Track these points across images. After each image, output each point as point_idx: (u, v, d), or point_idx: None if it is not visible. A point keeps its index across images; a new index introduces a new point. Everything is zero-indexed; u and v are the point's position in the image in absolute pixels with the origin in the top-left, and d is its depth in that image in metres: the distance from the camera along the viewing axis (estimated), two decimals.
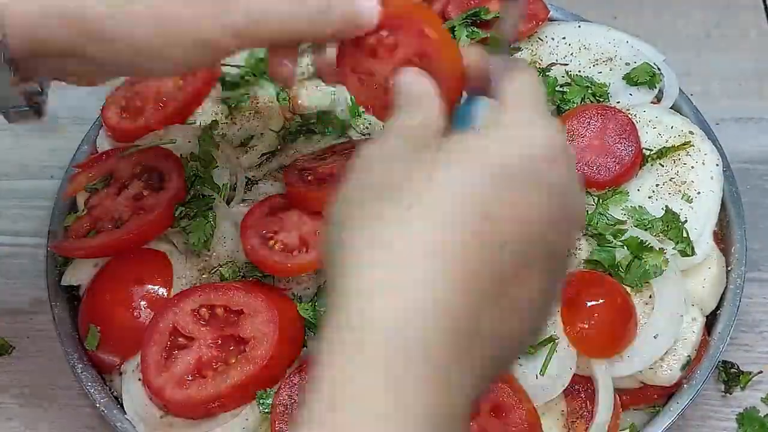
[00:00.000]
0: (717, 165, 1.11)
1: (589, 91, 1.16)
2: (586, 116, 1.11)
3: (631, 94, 1.18)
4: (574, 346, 0.97)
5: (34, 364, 1.18)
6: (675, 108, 1.19)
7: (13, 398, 1.15)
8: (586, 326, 0.96)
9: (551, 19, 1.27)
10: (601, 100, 1.16)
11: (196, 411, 0.92)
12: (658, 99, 1.20)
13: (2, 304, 1.23)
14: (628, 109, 1.14)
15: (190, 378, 0.93)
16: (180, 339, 0.95)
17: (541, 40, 1.25)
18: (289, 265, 0.97)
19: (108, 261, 1.05)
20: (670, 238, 1.04)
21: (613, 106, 1.14)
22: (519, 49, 1.23)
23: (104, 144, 1.20)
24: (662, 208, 1.05)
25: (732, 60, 1.48)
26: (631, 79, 1.18)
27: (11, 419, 1.13)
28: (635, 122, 1.11)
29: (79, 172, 1.14)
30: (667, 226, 1.04)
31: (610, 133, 1.09)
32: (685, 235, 1.04)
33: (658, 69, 1.20)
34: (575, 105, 1.15)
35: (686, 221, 1.05)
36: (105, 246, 1.04)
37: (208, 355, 0.94)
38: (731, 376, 1.13)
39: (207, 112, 1.18)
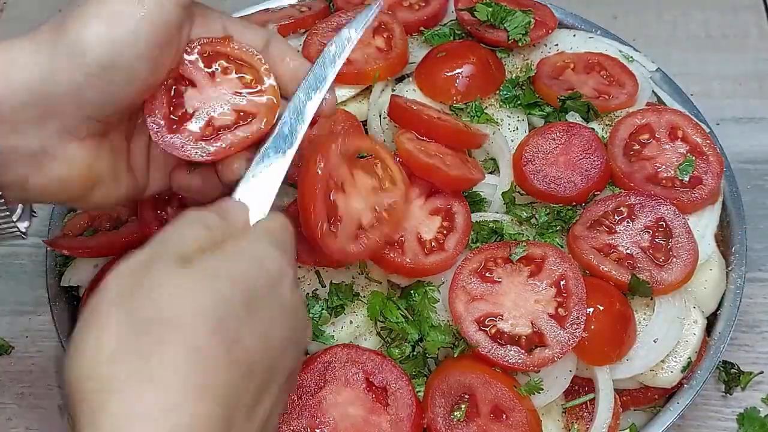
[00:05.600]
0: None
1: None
2: (551, 133, 1.11)
3: None
4: (572, 352, 0.96)
5: (34, 364, 1.18)
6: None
7: (13, 398, 1.15)
8: (586, 334, 0.95)
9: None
10: None
11: None
12: None
13: (2, 304, 1.23)
14: None
15: None
16: None
17: (534, 45, 1.25)
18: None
19: (108, 261, 1.05)
20: None
21: (578, 123, 1.13)
22: None
23: None
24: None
25: (732, 60, 1.48)
26: None
27: (11, 419, 1.13)
28: None
29: None
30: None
31: (575, 150, 1.09)
32: None
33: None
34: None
35: None
36: (103, 247, 1.04)
37: None
38: (731, 377, 1.13)
39: None
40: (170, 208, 1.03)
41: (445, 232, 1.02)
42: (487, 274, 0.98)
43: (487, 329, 0.94)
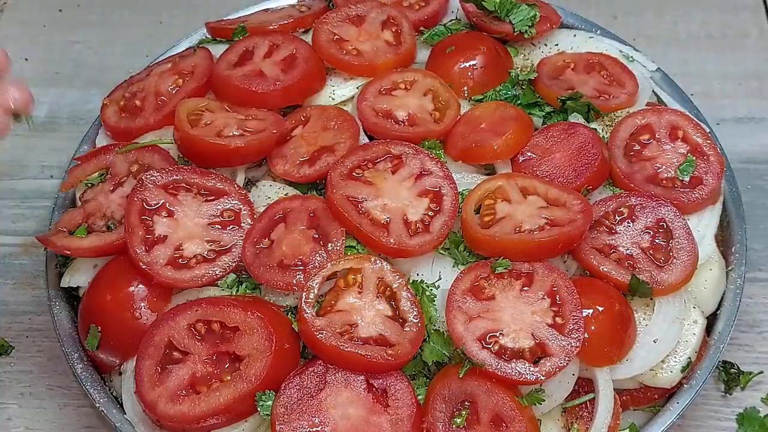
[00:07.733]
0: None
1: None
2: (551, 131, 1.11)
3: None
4: (576, 356, 0.96)
5: (34, 364, 1.18)
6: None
7: (13, 398, 1.15)
8: (587, 336, 0.95)
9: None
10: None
11: (189, 427, 0.92)
12: None
13: (2, 304, 1.23)
14: None
15: (183, 393, 0.92)
16: (175, 353, 0.94)
17: (534, 45, 1.25)
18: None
19: (108, 261, 1.04)
20: None
21: (578, 122, 1.14)
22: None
23: (103, 143, 1.19)
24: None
25: (732, 60, 1.49)
26: None
27: (11, 419, 1.13)
28: None
29: (78, 165, 1.14)
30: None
31: (572, 147, 1.09)
32: None
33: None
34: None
35: None
36: (96, 248, 1.04)
37: (202, 371, 0.93)
38: (731, 377, 1.13)
39: None
40: (156, 216, 1.03)
41: (431, 214, 1.02)
42: (480, 292, 0.98)
43: (490, 346, 0.94)
